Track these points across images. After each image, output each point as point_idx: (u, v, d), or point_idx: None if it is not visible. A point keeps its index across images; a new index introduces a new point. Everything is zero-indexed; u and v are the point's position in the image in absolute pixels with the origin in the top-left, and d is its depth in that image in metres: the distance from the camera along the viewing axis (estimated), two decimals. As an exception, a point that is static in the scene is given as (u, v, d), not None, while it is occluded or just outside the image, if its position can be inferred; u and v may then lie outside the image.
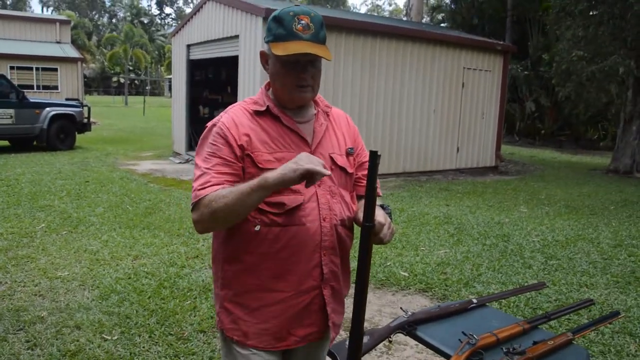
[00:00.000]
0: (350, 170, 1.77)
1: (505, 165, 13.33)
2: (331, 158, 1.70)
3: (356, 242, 1.56)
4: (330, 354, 1.94)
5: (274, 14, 1.62)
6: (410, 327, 2.17)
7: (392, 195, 8.70)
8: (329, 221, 1.65)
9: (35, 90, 21.50)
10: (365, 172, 1.85)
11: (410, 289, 4.52)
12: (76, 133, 13.32)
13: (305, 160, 1.45)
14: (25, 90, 13.42)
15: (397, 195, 8.78)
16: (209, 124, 1.69)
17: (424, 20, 24.98)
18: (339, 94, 9.78)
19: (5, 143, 13.02)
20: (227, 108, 1.72)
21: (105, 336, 3.49)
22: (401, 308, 2.45)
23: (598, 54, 13.26)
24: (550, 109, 20.54)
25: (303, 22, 1.56)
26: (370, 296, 4.36)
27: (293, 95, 1.65)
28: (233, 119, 1.64)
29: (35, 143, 12.85)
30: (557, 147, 19.73)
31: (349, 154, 1.78)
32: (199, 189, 1.54)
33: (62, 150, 12.68)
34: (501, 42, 13.39)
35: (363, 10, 74.84)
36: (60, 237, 5.63)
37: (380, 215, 1.54)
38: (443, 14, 26.43)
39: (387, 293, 4.44)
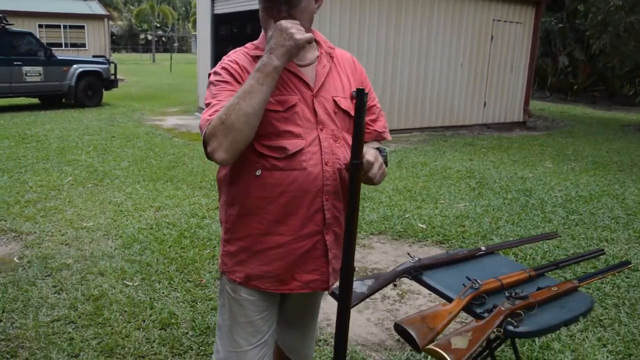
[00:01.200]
0: (353, 114, 1.75)
1: (534, 121, 13.04)
2: (334, 101, 1.67)
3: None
4: (333, 294, 1.98)
5: None
6: (416, 272, 2.19)
7: (416, 150, 8.63)
8: (332, 165, 1.63)
9: (63, 47, 21.74)
10: (372, 116, 1.84)
11: (427, 240, 4.54)
12: (103, 90, 13.48)
13: (295, 30, 1.47)
14: (53, 48, 13.56)
15: (421, 149, 8.71)
16: (212, 70, 1.67)
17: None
18: (364, 48, 9.62)
19: (35, 100, 13.28)
20: (229, 52, 1.71)
21: (126, 282, 3.61)
22: (408, 254, 2.47)
23: (637, 3, 12.66)
24: (584, 63, 19.85)
25: None
26: (387, 247, 4.40)
27: None
28: (236, 61, 1.63)
29: (63, 100, 13.07)
30: (590, 103, 19.16)
31: (353, 97, 1.75)
32: (208, 116, 1.49)
33: (89, 106, 12.87)
34: (533, -7, 12.85)
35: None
36: (86, 189, 5.79)
37: (370, 154, 1.51)
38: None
39: (404, 244, 4.47)
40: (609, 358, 2.84)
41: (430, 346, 1.63)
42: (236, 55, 1.67)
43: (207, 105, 1.56)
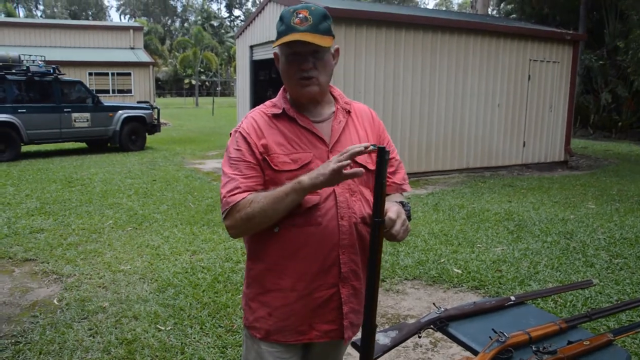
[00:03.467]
0: (371, 167, 1.72)
1: (576, 160, 12.73)
2: None
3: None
4: (354, 345, 1.96)
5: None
6: (441, 323, 2.15)
7: (454, 192, 8.54)
8: (348, 220, 1.65)
9: (110, 94, 22.70)
10: (391, 169, 1.84)
11: (462, 286, 4.44)
12: (146, 134, 13.96)
13: (334, 160, 1.49)
14: (101, 95, 14.21)
15: (459, 191, 8.60)
16: (232, 131, 1.75)
17: (491, 12, 24.27)
18: (399, 90, 9.69)
19: (83, 145, 13.85)
20: (248, 113, 1.77)
21: (159, 326, 3.66)
22: (434, 304, 2.43)
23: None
24: (628, 100, 19.39)
25: (301, 15, 1.58)
26: (421, 293, 4.33)
27: (298, 89, 1.65)
28: (252, 124, 1.69)
29: (109, 144, 13.59)
30: (635, 140, 18.60)
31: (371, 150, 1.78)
32: (229, 196, 1.59)
33: (133, 150, 13.33)
34: (570, 32, 12.78)
35: (431, 5, 73.43)
36: (125, 233, 5.94)
37: (392, 211, 1.52)
38: (511, 5, 25.53)
39: (439, 290, 4.38)
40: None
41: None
42: (253, 117, 1.72)
43: (224, 173, 1.65)
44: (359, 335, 1.87)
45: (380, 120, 1.90)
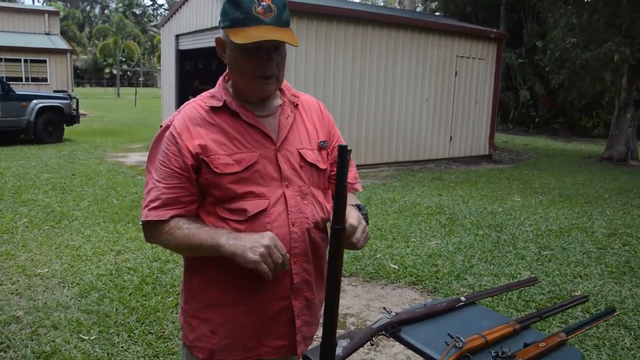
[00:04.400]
0: (323, 166, 1.59)
1: (499, 154, 13.23)
2: (300, 154, 1.53)
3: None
4: (305, 358, 1.81)
5: None
6: (393, 328, 2.04)
7: (384, 185, 8.58)
8: (299, 226, 1.49)
9: (24, 82, 21.24)
10: (349, 167, 1.71)
11: (400, 282, 4.40)
12: (64, 125, 13.12)
13: (266, 250, 1.34)
14: (13, 83, 13.20)
15: (389, 185, 8.66)
16: (163, 124, 1.53)
17: (417, 9, 24.80)
18: (330, 83, 9.63)
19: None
20: (182, 105, 1.55)
21: (82, 336, 3.35)
22: (384, 308, 2.33)
23: (592, 41, 13.15)
24: (544, 97, 20.46)
25: (264, 3, 1.36)
26: (359, 290, 4.25)
27: (255, 87, 1.46)
28: (186, 121, 1.47)
29: (22, 136, 12.64)
30: (551, 135, 19.67)
31: (321, 147, 1.60)
32: (148, 208, 1.45)
33: (50, 143, 12.48)
34: (495, 30, 13.22)
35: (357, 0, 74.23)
36: (42, 232, 5.48)
37: (353, 217, 1.38)
38: (436, 2, 26.20)
39: (376, 286, 4.32)
40: (593, 407, 2.72)
41: (416, 420, 1.48)
42: (188, 112, 1.50)
43: (148, 172, 1.50)
44: (311, 345, 1.73)
45: (329, 114, 1.74)
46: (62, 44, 23.88)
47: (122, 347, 3.23)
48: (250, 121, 1.49)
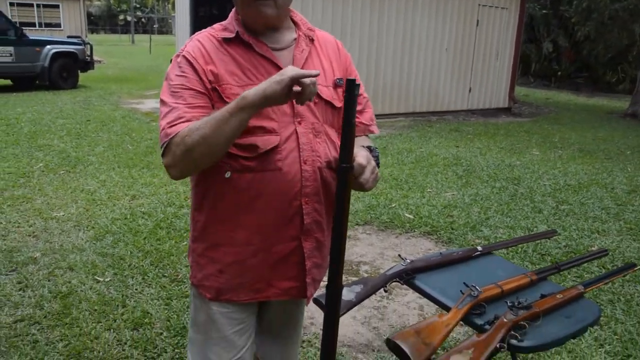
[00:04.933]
0: (338, 105, 1.51)
1: (519, 107, 12.96)
2: None
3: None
4: (316, 302, 1.79)
5: None
6: (408, 275, 2.01)
7: (401, 135, 8.47)
8: (311, 164, 1.44)
9: (37, 28, 21.07)
10: (359, 107, 1.60)
11: (414, 231, 4.38)
12: (79, 71, 13.05)
13: (290, 69, 1.22)
14: (26, 28, 13.06)
15: (406, 135, 8.54)
16: (174, 56, 1.45)
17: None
18: (347, 30, 9.38)
19: (7, 82, 12.79)
20: (193, 35, 1.48)
21: (97, 278, 3.39)
22: (399, 255, 2.29)
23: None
24: (568, 50, 19.83)
25: None
26: (373, 238, 4.24)
27: (251, 10, 1.38)
28: (199, 47, 1.41)
29: (37, 82, 12.61)
30: (573, 90, 19.17)
31: (337, 85, 1.52)
32: (169, 127, 1.31)
33: (64, 89, 12.44)
34: (520, -23, 12.68)
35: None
36: (57, 176, 5.51)
37: (361, 156, 1.31)
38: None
39: (391, 235, 4.30)
40: (607, 359, 2.71)
41: (428, 366, 1.46)
42: (201, 40, 1.44)
43: (163, 103, 1.36)
44: (321, 290, 1.71)
45: (347, 52, 1.65)
46: (75, -12, 23.53)
47: (136, 289, 3.26)
48: (263, 53, 1.42)
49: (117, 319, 2.94)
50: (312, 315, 3.06)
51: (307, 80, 1.21)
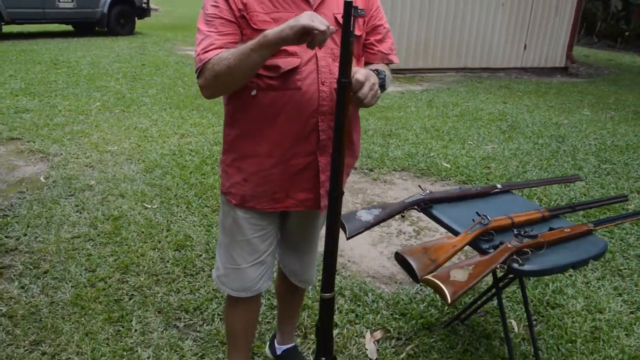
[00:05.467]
0: (357, 33, 1.58)
1: (576, 68, 12.47)
2: (335, 19, 1.55)
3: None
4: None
5: None
6: (425, 204, 2.15)
7: (449, 90, 8.40)
8: (329, 85, 1.55)
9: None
10: (378, 36, 1.72)
11: (450, 180, 4.46)
12: (136, 18, 13.37)
13: (305, 18, 1.32)
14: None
15: (454, 90, 8.46)
16: None
17: None
18: (400, -19, 9.21)
19: (68, 28, 13.28)
20: None
21: (146, 205, 3.68)
22: (419, 186, 2.42)
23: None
24: (639, 8, 18.71)
25: None
26: (409, 184, 4.35)
27: None
28: None
29: (96, 28, 13.03)
30: None
31: (359, 15, 1.64)
32: (203, 53, 1.48)
33: (122, 35, 12.81)
34: None
35: None
36: (113, 115, 5.84)
37: (360, 73, 1.39)
38: None
39: (426, 182, 4.40)
40: (623, 307, 2.77)
41: (428, 277, 1.60)
42: None
43: (199, 31, 1.52)
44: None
45: None
46: None
47: (180, 216, 3.52)
48: None
49: (162, 240, 3.21)
50: (342, 248, 3.24)
51: (316, 31, 1.30)
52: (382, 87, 1.53)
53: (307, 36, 1.33)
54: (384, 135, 5.51)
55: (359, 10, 1.29)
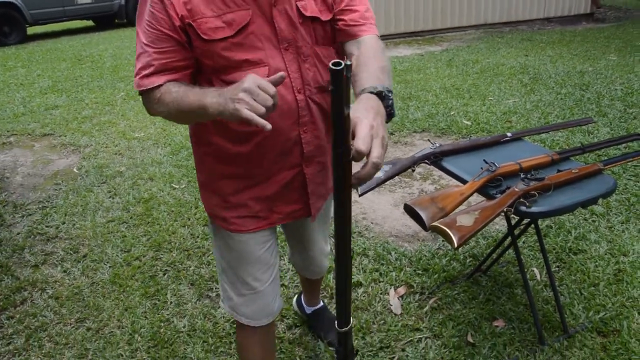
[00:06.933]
0: (325, 17, 1.35)
1: (603, 12, 12.04)
2: (297, 9, 1.30)
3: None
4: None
5: None
6: (435, 157, 2.19)
7: (469, 48, 8.26)
8: (304, 93, 1.36)
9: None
10: (341, 5, 1.37)
11: (471, 136, 4.45)
12: (154, 7, 13.49)
13: (245, 97, 1.08)
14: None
15: (474, 47, 8.32)
16: None
17: None
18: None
19: (89, 23, 13.52)
20: None
21: (174, 185, 3.81)
22: (429, 140, 2.46)
23: None
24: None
25: None
26: (429, 144, 4.35)
27: None
28: None
29: (116, 20, 13.22)
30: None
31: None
32: (140, 77, 1.29)
33: (141, 25, 12.97)
34: None
35: None
36: (137, 103, 5.99)
37: (362, 133, 0.95)
38: None
39: (447, 140, 4.41)
40: (648, 248, 2.77)
41: (435, 223, 1.66)
42: None
43: (137, 37, 1.31)
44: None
45: None
46: None
47: (207, 194, 3.65)
48: None
49: (191, 217, 3.35)
50: (365, 212, 3.31)
51: (258, 125, 1.07)
52: (391, 115, 1.16)
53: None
54: (404, 99, 5.50)
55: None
